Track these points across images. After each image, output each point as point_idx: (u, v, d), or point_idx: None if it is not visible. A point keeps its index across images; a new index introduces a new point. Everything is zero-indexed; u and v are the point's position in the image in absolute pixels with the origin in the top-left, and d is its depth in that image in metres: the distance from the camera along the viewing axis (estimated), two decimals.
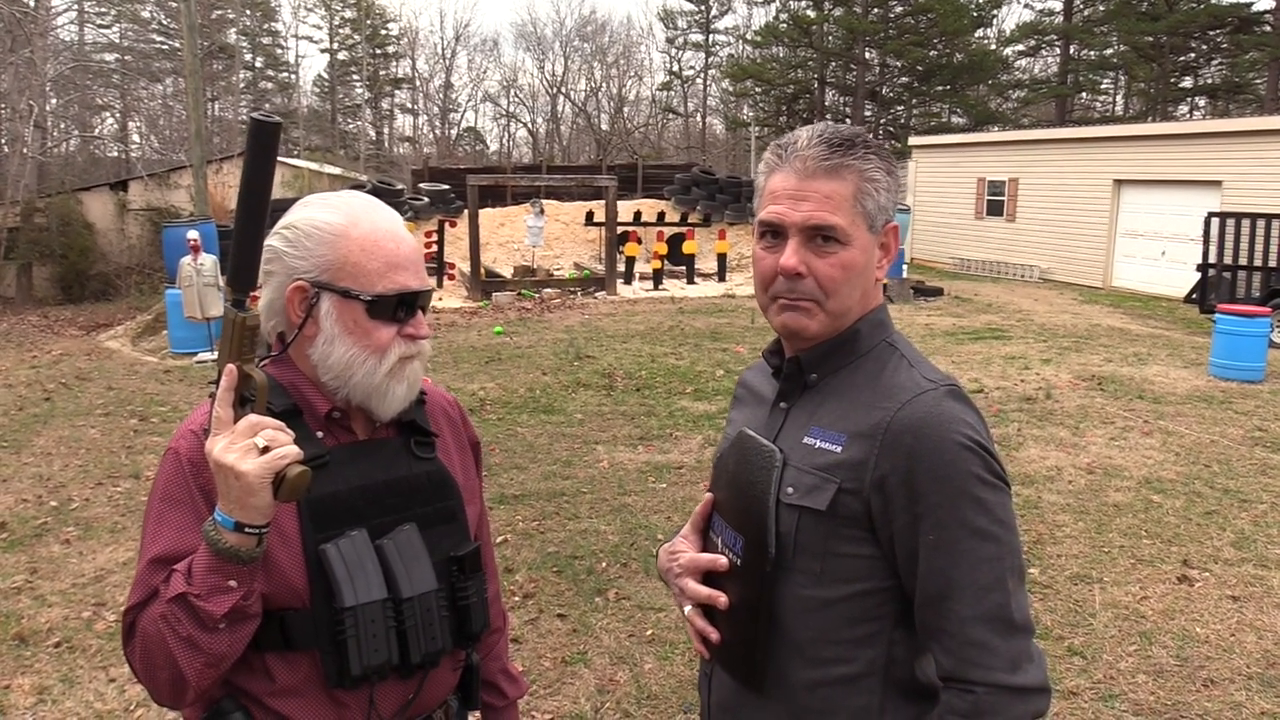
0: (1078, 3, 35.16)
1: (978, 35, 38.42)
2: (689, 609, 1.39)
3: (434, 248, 15.77)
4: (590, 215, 18.77)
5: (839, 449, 1.25)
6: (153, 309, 15.21)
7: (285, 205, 1.47)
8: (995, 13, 38.64)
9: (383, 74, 47.70)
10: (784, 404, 1.36)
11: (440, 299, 14.94)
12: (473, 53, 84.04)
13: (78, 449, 7.08)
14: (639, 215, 19.05)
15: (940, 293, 16.38)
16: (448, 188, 18.67)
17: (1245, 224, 12.70)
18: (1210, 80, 34.27)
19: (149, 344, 12.95)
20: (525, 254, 18.07)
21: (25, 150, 20.87)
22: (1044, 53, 39.74)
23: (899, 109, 39.28)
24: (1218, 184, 16.04)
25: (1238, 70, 32.48)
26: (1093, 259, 18.75)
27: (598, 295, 15.84)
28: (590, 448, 6.91)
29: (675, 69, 46.64)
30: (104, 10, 36.24)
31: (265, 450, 1.13)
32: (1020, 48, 38.88)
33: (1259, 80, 31.73)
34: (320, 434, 1.31)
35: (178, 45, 30.78)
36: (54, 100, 25.99)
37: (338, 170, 28.13)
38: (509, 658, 1.68)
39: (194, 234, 11.52)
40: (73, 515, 5.62)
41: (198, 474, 1.23)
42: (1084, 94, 38.84)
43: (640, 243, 17.98)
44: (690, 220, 19.42)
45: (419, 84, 49.57)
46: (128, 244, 21.99)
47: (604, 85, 47.66)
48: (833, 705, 1.27)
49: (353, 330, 1.29)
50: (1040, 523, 5.37)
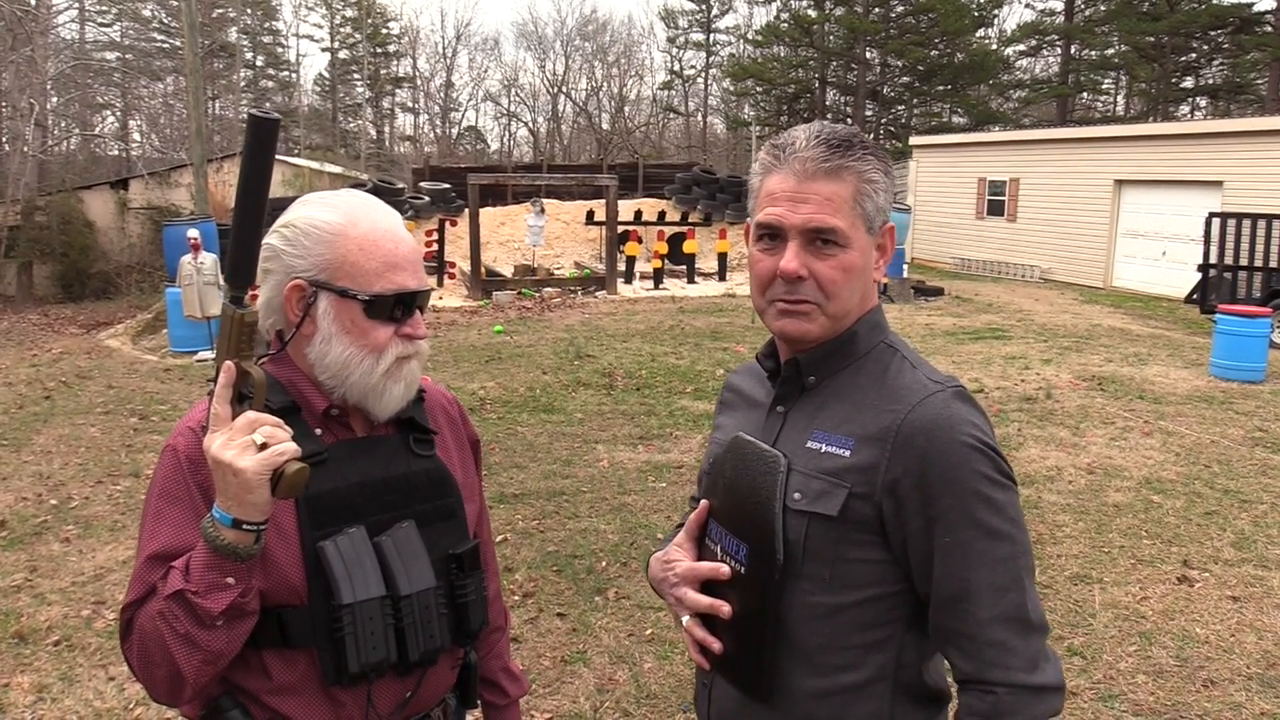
0: (1079, 3, 35.11)
1: (979, 35, 38.41)
2: (687, 619, 1.34)
3: (434, 247, 15.77)
4: (591, 214, 18.76)
5: (847, 453, 1.23)
6: (153, 307, 15.21)
7: (285, 204, 1.47)
8: (996, 12, 38.63)
9: (383, 73, 47.68)
10: (781, 407, 1.33)
11: (441, 298, 14.94)
12: (474, 52, 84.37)
13: (78, 447, 7.08)
14: (639, 214, 19.04)
15: (941, 292, 16.38)
16: (448, 187, 18.68)
17: (1246, 224, 12.69)
18: (1211, 80, 34.23)
19: (149, 342, 12.95)
20: (526, 253, 18.07)
21: (26, 149, 20.85)
22: (1045, 53, 39.73)
23: (900, 109, 39.28)
24: (1218, 184, 16.02)
25: (1239, 70, 32.43)
26: (1093, 259, 18.73)
27: (598, 294, 15.84)
28: (590, 447, 6.91)
29: (676, 68, 46.66)
30: (105, 9, 36.31)
31: (263, 447, 1.12)
32: (1021, 48, 38.85)
33: (1260, 80, 31.67)
34: (318, 431, 1.31)
35: (178, 44, 30.82)
36: (55, 99, 25.97)
37: (338, 169, 28.09)
38: (510, 656, 1.67)
39: (194, 232, 11.55)
40: (72, 513, 5.62)
41: (196, 471, 1.23)
42: (1085, 94, 38.81)
43: (641, 242, 17.98)
44: (691, 220, 19.42)
45: (420, 83, 49.63)
46: (128, 242, 21.96)
47: (605, 84, 47.72)
48: (841, 713, 1.25)
49: (350, 329, 1.29)
50: (1040, 523, 5.37)
